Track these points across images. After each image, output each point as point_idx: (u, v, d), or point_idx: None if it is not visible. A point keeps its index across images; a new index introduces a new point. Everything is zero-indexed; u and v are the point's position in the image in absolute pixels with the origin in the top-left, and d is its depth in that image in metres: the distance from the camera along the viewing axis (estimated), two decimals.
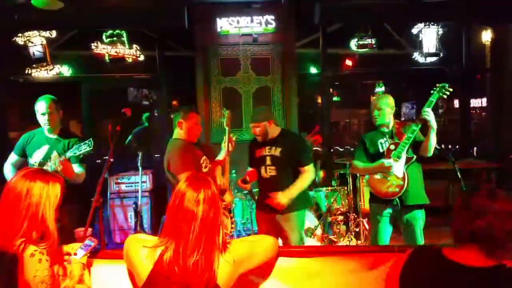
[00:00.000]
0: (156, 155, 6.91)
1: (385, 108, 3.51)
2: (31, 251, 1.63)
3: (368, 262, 1.87)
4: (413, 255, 1.50)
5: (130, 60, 6.59)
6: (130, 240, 1.71)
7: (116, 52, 6.51)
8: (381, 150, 3.51)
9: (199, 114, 3.42)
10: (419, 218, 3.38)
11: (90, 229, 2.31)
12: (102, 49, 6.47)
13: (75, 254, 1.82)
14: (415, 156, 3.40)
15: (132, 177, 5.70)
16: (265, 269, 1.79)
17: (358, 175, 5.08)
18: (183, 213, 1.60)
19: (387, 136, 3.53)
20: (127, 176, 5.73)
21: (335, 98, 10.52)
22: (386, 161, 3.40)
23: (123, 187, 5.71)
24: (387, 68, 7.33)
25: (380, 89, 9.57)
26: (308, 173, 3.47)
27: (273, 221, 3.51)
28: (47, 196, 1.72)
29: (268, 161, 3.53)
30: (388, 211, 3.44)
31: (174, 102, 8.18)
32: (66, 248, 1.90)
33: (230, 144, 3.56)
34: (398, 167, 3.36)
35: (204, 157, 3.31)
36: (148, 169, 5.76)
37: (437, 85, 3.37)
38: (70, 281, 1.75)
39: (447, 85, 3.33)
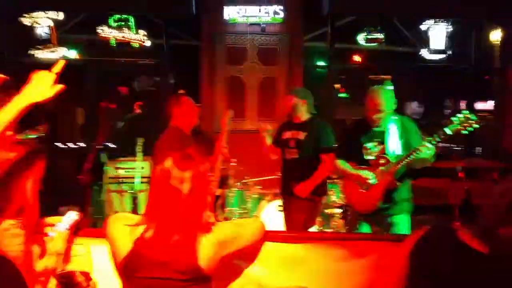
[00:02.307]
0: None
1: (386, 103, 3.04)
2: (5, 225, 1.57)
3: (357, 251, 1.84)
4: (428, 233, 1.42)
5: (136, 45, 6.58)
6: (112, 218, 1.67)
7: (122, 36, 6.50)
8: (365, 156, 3.09)
9: (191, 100, 3.35)
10: (401, 223, 3.06)
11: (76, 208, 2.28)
12: (109, 33, 6.47)
13: (55, 226, 1.76)
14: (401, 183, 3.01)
15: (131, 162, 5.68)
16: (250, 253, 1.76)
17: None
18: (167, 191, 1.56)
19: (377, 139, 3.08)
20: (127, 161, 5.70)
21: (343, 95, 10.42)
22: (366, 174, 3.02)
23: (122, 172, 5.69)
24: (395, 64, 7.25)
25: (388, 87, 9.48)
26: (327, 163, 3.45)
27: (296, 203, 3.58)
28: (28, 167, 1.64)
29: (292, 144, 3.60)
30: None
31: (181, 91, 8.17)
32: (49, 220, 1.84)
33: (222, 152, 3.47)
34: (379, 186, 2.97)
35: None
36: (149, 155, 5.73)
37: (463, 114, 2.82)
38: (49, 258, 1.69)
39: (474, 118, 2.81)
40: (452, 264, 1.32)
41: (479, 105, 7.82)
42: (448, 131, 2.79)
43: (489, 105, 7.64)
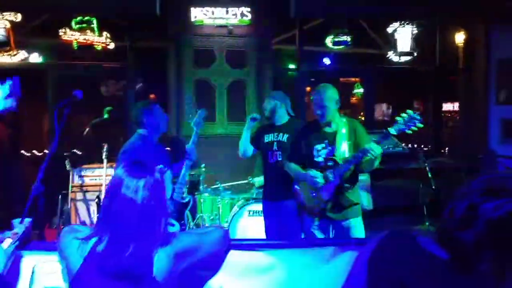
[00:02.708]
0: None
1: (329, 105, 3.05)
2: None
3: (325, 255, 1.77)
4: (385, 239, 1.34)
5: (99, 47, 6.37)
6: (64, 231, 1.57)
7: (85, 39, 6.28)
8: (315, 158, 3.10)
9: (161, 106, 3.28)
10: (356, 226, 3.07)
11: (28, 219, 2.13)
12: (71, 35, 6.24)
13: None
14: (352, 186, 3.03)
15: (96, 169, 5.47)
16: (213, 263, 1.69)
17: None
18: (120, 201, 1.47)
19: (327, 140, 3.09)
20: (91, 168, 5.49)
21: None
22: (314, 173, 3.02)
23: (87, 180, 5.48)
24: (363, 67, 7.31)
25: (358, 90, 9.55)
26: None
27: (279, 208, 3.55)
28: None
29: (275, 146, 3.62)
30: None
31: (152, 96, 7.98)
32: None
33: None
34: (327, 188, 2.99)
35: None
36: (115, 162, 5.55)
37: (408, 114, 2.84)
38: None
39: (417, 117, 2.81)
40: (409, 271, 1.23)
41: (446, 106, 7.98)
42: (392, 131, 2.82)
43: (456, 106, 7.81)
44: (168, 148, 3.69)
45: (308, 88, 6.93)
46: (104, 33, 6.33)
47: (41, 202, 2.40)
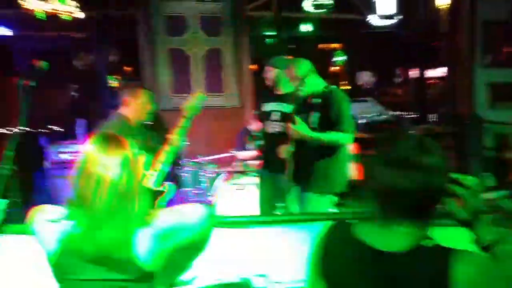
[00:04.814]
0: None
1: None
2: None
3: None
4: (328, 229, 1.27)
5: (67, 17, 6.00)
6: (33, 213, 1.45)
7: (51, 8, 5.91)
8: None
9: (149, 91, 3.10)
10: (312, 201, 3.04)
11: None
12: (35, 5, 5.85)
13: None
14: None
15: (75, 146, 5.22)
16: (198, 242, 1.56)
17: None
18: (92, 180, 1.35)
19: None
20: (70, 144, 5.24)
21: None
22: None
23: (65, 156, 5.25)
24: (343, 32, 7.08)
25: (339, 58, 9.33)
26: None
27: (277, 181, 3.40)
28: None
29: (274, 117, 3.46)
30: None
31: (128, 68, 7.64)
32: None
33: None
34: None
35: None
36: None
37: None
38: None
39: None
40: (342, 263, 1.16)
41: (429, 72, 7.81)
42: None
43: (439, 72, 7.64)
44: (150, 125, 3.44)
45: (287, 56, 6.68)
46: (71, 2, 5.96)
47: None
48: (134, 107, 2.98)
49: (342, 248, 1.18)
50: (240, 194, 4.43)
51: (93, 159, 1.37)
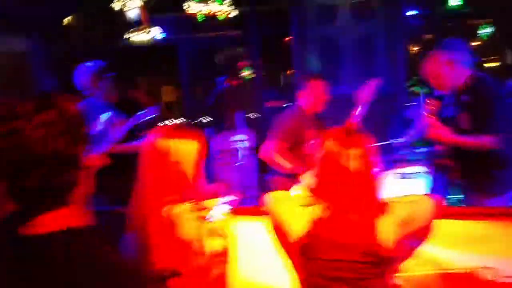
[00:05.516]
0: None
1: None
2: (179, 210, 1.53)
3: None
4: None
5: (222, 17, 6.40)
6: (275, 197, 1.67)
7: (208, 10, 6.36)
8: None
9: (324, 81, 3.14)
10: None
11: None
12: (195, 8, 6.36)
13: (213, 209, 1.71)
14: None
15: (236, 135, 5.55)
16: (423, 233, 1.63)
17: None
18: (336, 172, 1.49)
19: None
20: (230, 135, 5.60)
21: None
22: None
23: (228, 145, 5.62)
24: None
25: (484, 30, 7.60)
26: None
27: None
28: (188, 152, 1.60)
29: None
30: None
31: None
32: (206, 203, 1.76)
33: None
34: None
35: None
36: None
37: None
38: (214, 241, 1.61)
39: None
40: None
41: None
42: None
43: None
44: None
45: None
46: (225, 2, 6.34)
47: None
48: (307, 97, 3.07)
49: None
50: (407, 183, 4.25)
51: (334, 152, 1.48)
